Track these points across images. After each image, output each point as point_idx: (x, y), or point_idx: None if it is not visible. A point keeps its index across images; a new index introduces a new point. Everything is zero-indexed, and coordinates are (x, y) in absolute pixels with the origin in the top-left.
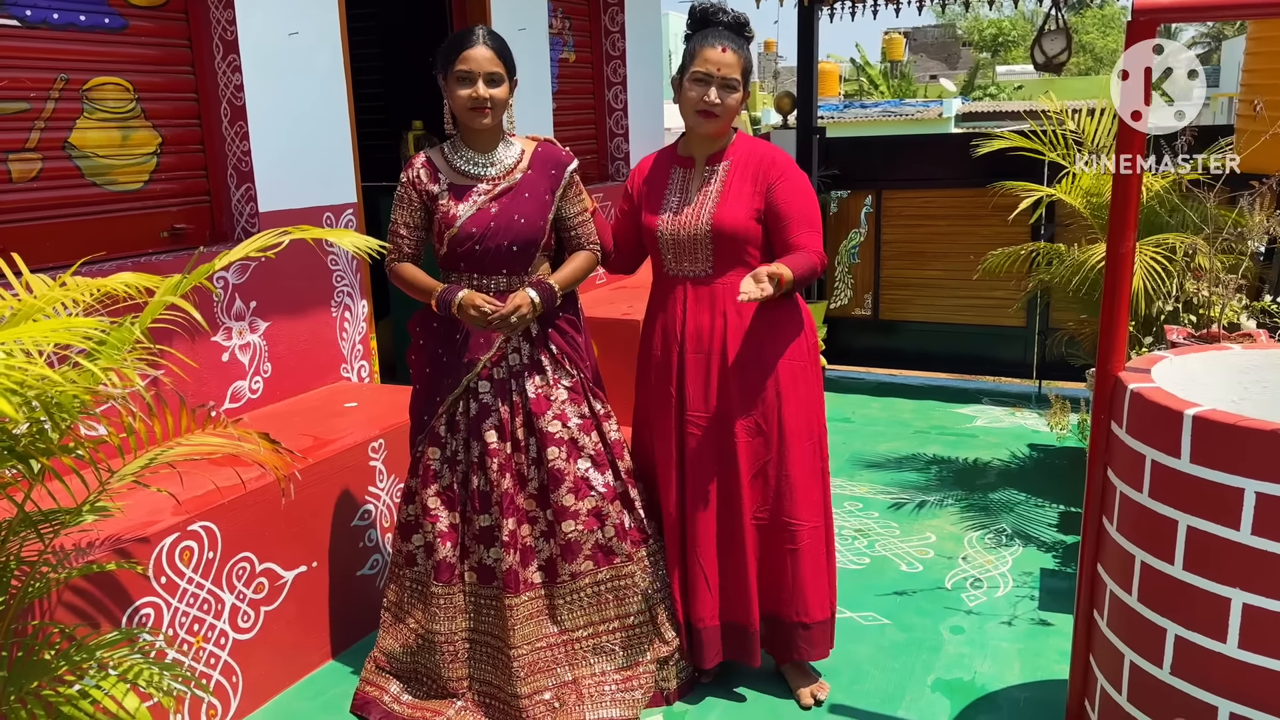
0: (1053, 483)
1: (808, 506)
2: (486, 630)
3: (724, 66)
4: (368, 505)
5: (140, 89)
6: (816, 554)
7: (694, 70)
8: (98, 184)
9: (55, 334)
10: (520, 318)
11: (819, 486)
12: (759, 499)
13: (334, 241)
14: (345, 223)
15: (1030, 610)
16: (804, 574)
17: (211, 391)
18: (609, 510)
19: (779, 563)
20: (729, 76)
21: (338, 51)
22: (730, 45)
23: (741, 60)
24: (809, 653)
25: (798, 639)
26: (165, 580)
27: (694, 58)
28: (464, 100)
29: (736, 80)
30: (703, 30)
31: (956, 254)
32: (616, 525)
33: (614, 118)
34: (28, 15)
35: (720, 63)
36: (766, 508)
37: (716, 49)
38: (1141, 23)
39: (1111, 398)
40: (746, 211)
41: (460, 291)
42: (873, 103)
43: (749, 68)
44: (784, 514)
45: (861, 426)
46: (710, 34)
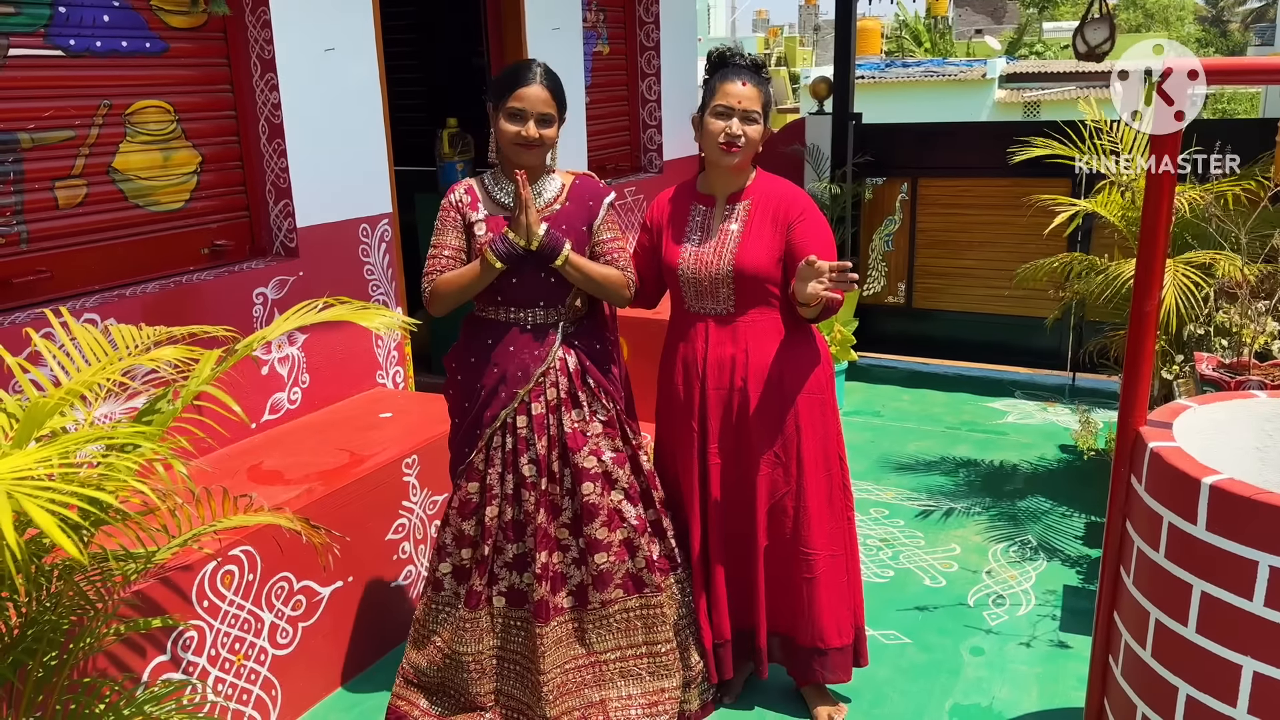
0: (1081, 488)
1: (823, 536)
2: (516, 650)
3: (744, 100)
4: (401, 519)
5: (181, 110)
6: (834, 582)
7: (715, 105)
8: (141, 205)
9: (99, 440)
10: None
11: (837, 516)
12: (775, 529)
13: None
14: (381, 232)
15: (1051, 631)
16: (820, 601)
17: (251, 405)
18: (640, 541)
19: (795, 589)
20: (749, 110)
21: (373, 65)
22: (750, 80)
23: (761, 94)
24: (826, 676)
25: (814, 663)
26: (208, 604)
27: (715, 93)
28: (512, 136)
29: (757, 113)
30: (722, 70)
31: (992, 243)
32: (647, 556)
33: (647, 109)
34: (71, 45)
35: (741, 96)
36: (783, 538)
37: (737, 84)
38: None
39: (1132, 453)
40: (768, 252)
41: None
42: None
43: (768, 102)
44: (801, 544)
45: (891, 422)
46: (730, 71)
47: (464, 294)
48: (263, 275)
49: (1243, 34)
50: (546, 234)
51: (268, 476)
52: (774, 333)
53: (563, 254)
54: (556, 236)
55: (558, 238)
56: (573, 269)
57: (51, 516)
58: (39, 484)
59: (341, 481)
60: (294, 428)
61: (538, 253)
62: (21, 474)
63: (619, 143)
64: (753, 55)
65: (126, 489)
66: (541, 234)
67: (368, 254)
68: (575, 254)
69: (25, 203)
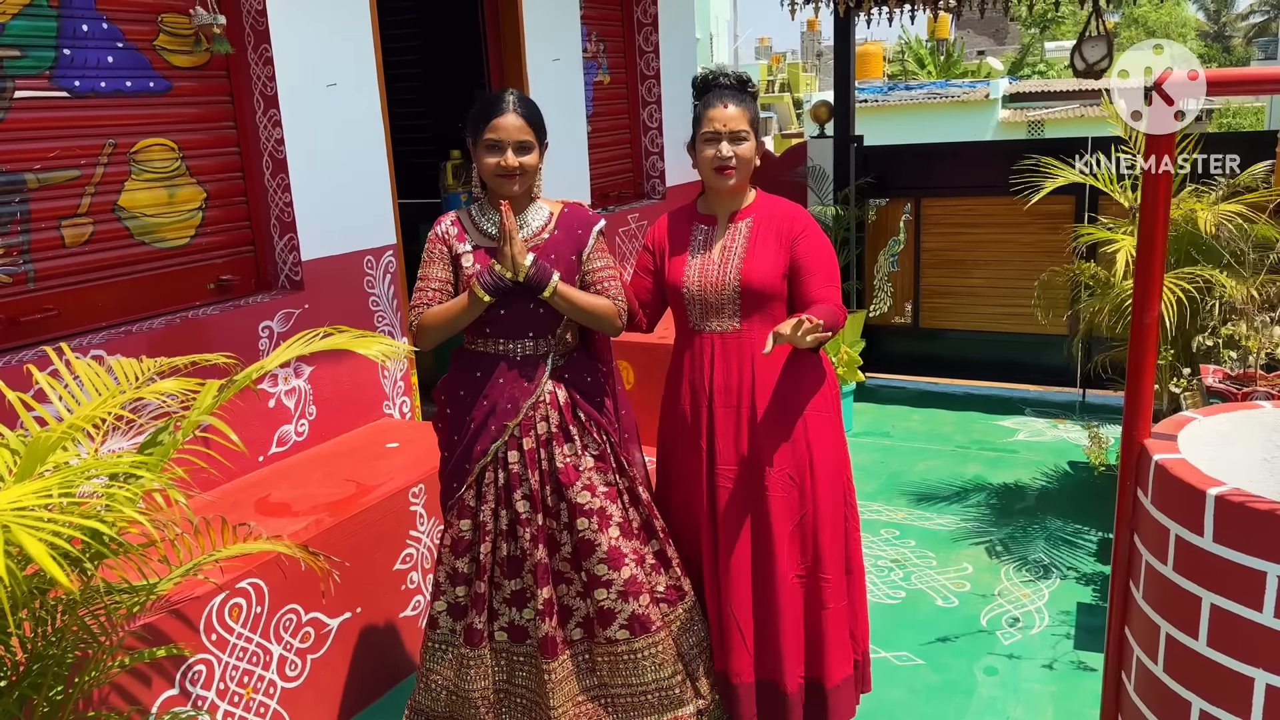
0: (1092, 505)
1: (833, 560)
2: (523, 685)
3: (729, 121)
4: (409, 549)
5: (185, 147)
6: (840, 611)
7: (703, 132)
8: (146, 242)
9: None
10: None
11: (849, 537)
12: (797, 554)
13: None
14: (385, 264)
15: (1066, 650)
16: (829, 634)
17: (258, 438)
18: (642, 577)
19: (815, 622)
20: (736, 129)
21: (375, 99)
22: (732, 101)
23: (746, 112)
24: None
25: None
26: (216, 637)
27: (701, 120)
28: (492, 168)
29: (745, 131)
30: (705, 95)
31: (998, 262)
32: (651, 592)
33: (649, 136)
34: (76, 85)
35: (725, 119)
36: (805, 563)
37: (719, 107)
38: None
39: (1137, 466)
40: (774, 267)
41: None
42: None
43: (756, 119)
44: (819, 569)
45: (901, 442)
46: (712, 96)
47: (451, 327)
48: (268, 309)
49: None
50: (533, 265)
51: (275, 509)
52: (780, 350)
53: (550, 285)
54: (544, 268)
55: (545, 269)
56: (561, 300)
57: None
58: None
59: (349, 512)
60: (301, 460)
61: (525, 284)
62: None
63: (621, 170)
64: (737, 72)
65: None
66: (528, 265)
67: (372, 285)
68: (564, 284)
69: (32, 242)
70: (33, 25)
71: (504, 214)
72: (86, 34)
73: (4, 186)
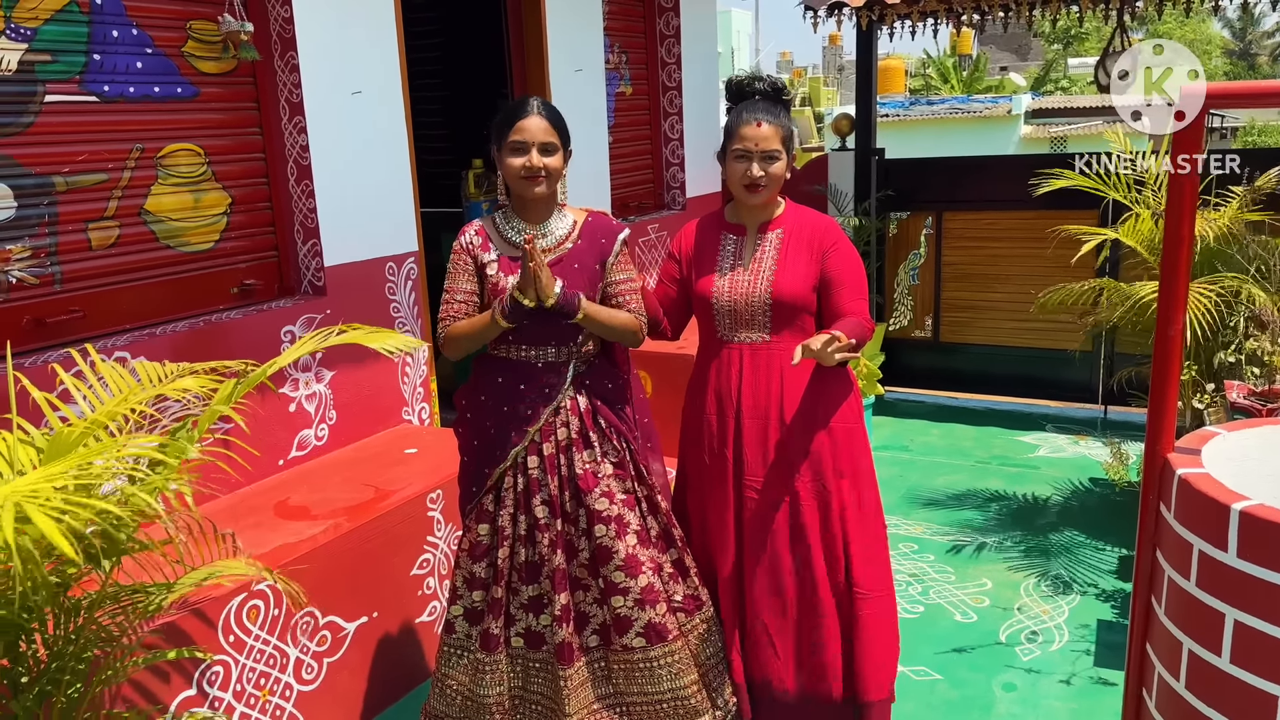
0: (1113, 521)
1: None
2: (538, 692)
3: (762, 141)
4: (426, 554)
5: (211, 153)
6: (885, 624)
7: (734, 149)
8: (171, 246)
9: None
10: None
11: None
12: (832, 564)
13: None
14: (407, 270)
15: (1086, 666)
16: (869, 648)
17: (278, 441)
18: (659, 586)
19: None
20: (768, 149)
21: (399, 107)
22: (765, 119)
23: (779, 130)
24: None
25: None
26: (233, 639)
27: (733, 136)
28: (516, 169)
29: (777, 150)
30: (739, 105)
31: (1019, 276)
32: (668, 601)
33: (670, 147)
34: (105, 90)
35: (757, 138)
36: (840, 574)
37: (752, 125)
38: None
39: (1160, 480)
40: (805, 280)
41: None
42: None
43: (789, 134)
44: (853, 584)
45: (919, 456)
46: (745, 109)
47: (476, 342)
48: (291, 314)
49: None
50: (561, 294)
51: (294, 512)
52: (807, 361)
53: (579, 311)
54: (570, 297)
55: (572, 299)
56: (589, 322)
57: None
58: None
59: (367, 516)
60: (321, 464)
61: (552, 311)
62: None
63: (642, 180)
64: (772, 79)
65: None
66: (556, 294)
67: (394, 292)
68: (590, 304)
69: (59, 244)
70: (64, 30)
71: (530, 251)
72: (116, 40)
73: (33, 189)
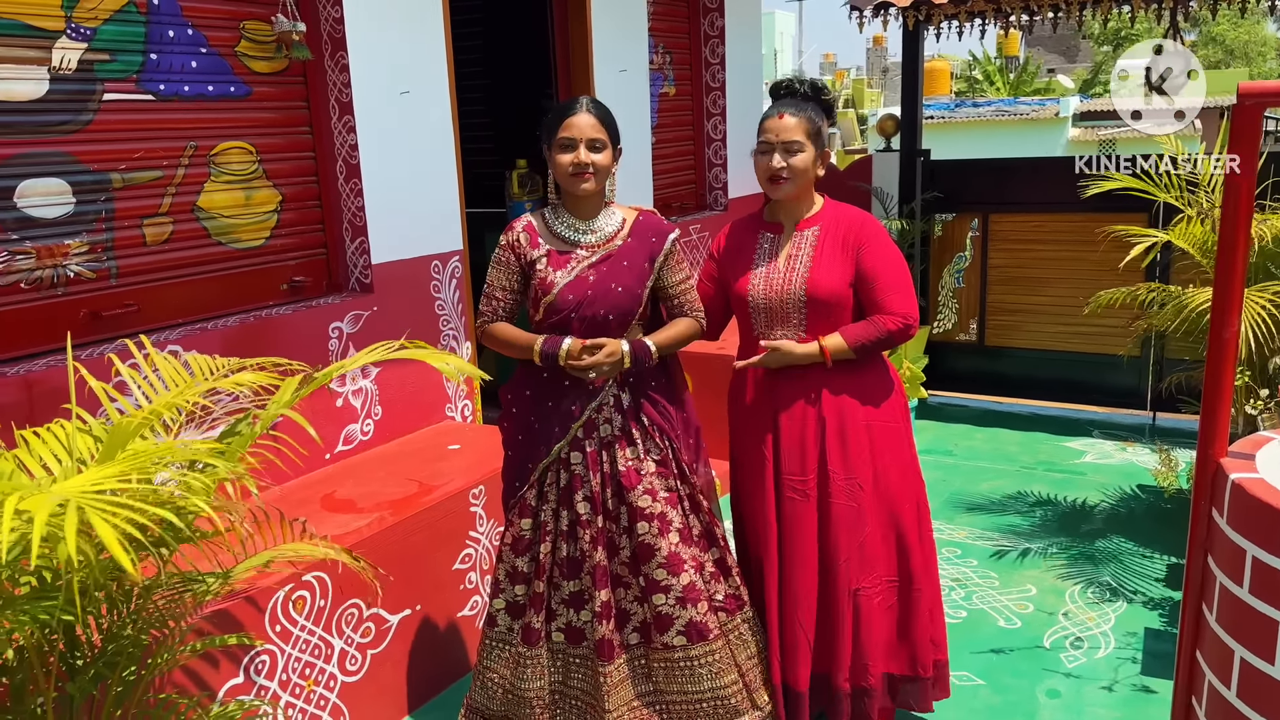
0: (1162, 529)
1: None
2: (578, 687)
3: (783, 132)
4: (468, 549)
5: (262, 151)
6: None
7: (759, 143)
8: (223, 243)
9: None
10: (611, 363)
11: (923, 545)
12: (857, 562)
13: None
14: (452, 269)
15: (1132, 674)
16: (912, 629)
17: (325, 436)
18: (701, 584)
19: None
20: (790, 140)
21: (446, 107)
22: (788, 111)
23: (804, 123)
24: (910, 704)
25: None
26: (280, 629)
27: (760, 131)
28: (566, 165)
29: (799, 142)
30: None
31: (1067, 279)
32: (710, 600)
33: (712, 148)
34: (161, 89)
35: (778, 129)
36: (872, 570)
37: (775, 117)
38: (1247, 108)
39: (1213, 485)
40: (840, 276)
41: (566, 342)
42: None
43: (817, 129)
44: (889, 575)
45: (963, 461)
46: (773, 106)
47: (512, 352)
48: (338, 310)
49: None
50: (630, 356)
51: (340, 505)
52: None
53: (654, 357)
54: (643, 352)
55: (644, 352)
56: (663, 351)
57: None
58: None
59: (410, 511)
60: (366, 458)
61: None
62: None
63: (685, 181)
64: (812, 79)
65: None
66: (628, 363)
67: (439, 290)
68: (658, 337)
69: (115, 239)
70: (122, 30)
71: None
72: (172, 39)
73: (91, 185)
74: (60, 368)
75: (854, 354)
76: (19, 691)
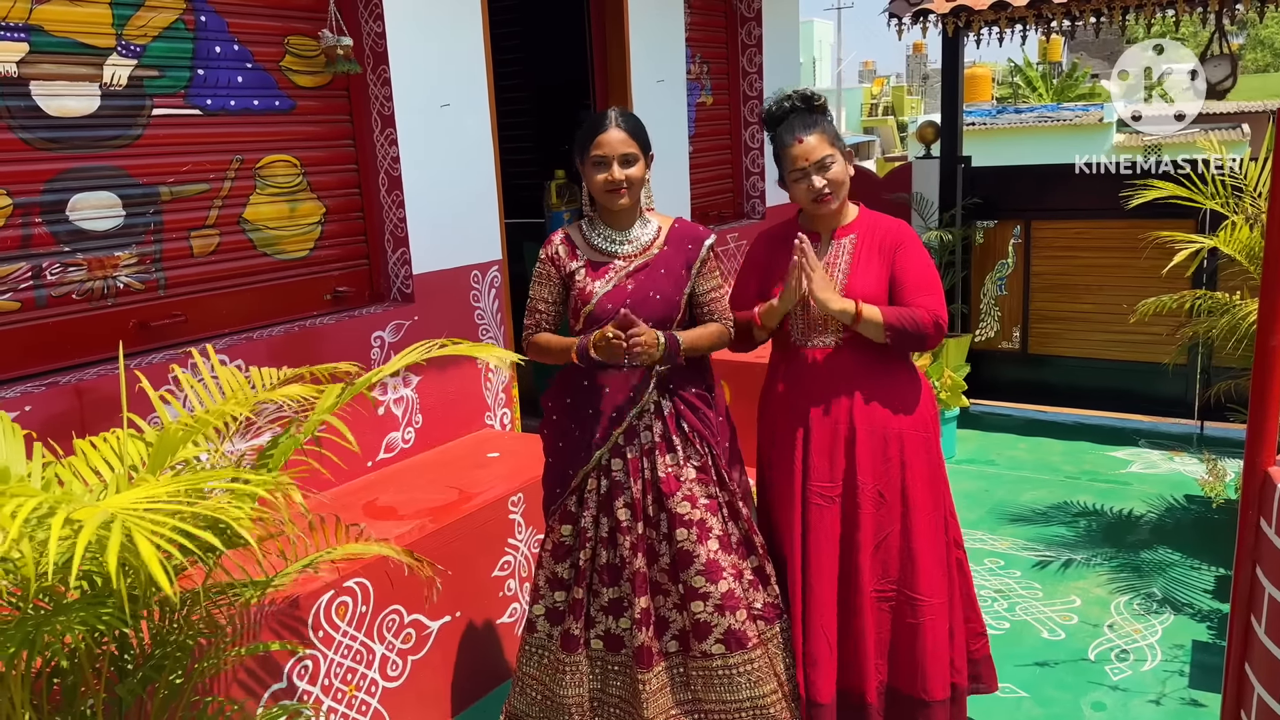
0: (1209, 540)
1: (931, 581)
2: (617, 695)
3: (810, 153)
4: (507, 556)
5: (306, 164)
6: (939, 631)
7: (791, 173)
8: (268, 254)
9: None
10: (645, 351)
11: (946, 560)
12: (880, 571)
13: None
14: (491, 278)
15: (1179, 688)
16: (926, 650)
17: (368, 444)
18: (740, 593)
19: (900, 636)
20: (820, 158)
21: (486, 119)
22: (803, 133)
23: (824, 136)
24: None
25: (918, 715)
26: (323, 634)
27: (783, 161)
28: (601, 184)
29: (828, 155)
30: (777, 128)
31: (1111, 286)
32: (748, 609)
33: (750, 157)
34: (208, 104)
35: (804, 153)
36: (889, 580)
37: (795, 143)
38: None
39: (1261, 494)
40: (877, 283)
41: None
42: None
43: (834, 136)
44: (907, 588)
45: (1006, 471)
46: (784, 130)
47: (555, 359)
48: (380, 319)
49: None
50: (663, 351)
51: (382, 512)
52: (880, 366)
53: (682, 354)
54: (670, 353)
55: (673, 347)
56: (690, 352)
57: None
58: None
59: (451, 518)
60: (407, 466)
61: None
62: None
63: (722, 190)
64: (799, 91)
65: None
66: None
67: (478, 299)
68: (687, 337)
69: (163, 251)
70: (171, 47)
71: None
72: (219, 55)
73: (141, 198)
74: (110, 376)
75: (884, 334)
76: (71, 693)
